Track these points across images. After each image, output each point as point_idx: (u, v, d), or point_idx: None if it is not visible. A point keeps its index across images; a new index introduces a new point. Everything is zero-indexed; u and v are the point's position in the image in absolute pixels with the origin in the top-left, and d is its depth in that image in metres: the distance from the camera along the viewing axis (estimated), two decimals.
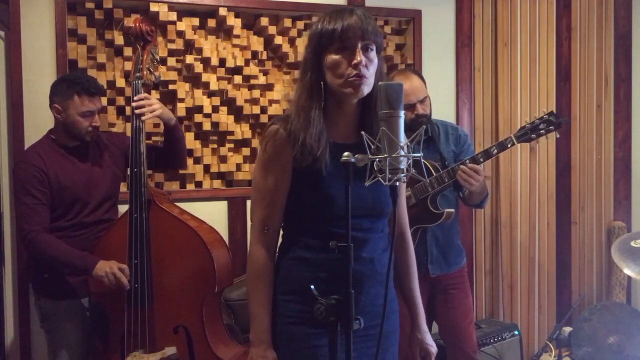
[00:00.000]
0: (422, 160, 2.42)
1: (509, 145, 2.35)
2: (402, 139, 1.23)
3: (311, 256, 1.54)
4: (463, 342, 2.59)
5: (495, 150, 2.36)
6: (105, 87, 2.90)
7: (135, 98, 2.40)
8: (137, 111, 2.37)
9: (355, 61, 1.45)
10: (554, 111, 2.38)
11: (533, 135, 2.35)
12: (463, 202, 2.62)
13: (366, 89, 1.50)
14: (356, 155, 1.26)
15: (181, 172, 3.08)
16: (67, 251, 2.28)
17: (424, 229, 2.50)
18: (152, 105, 2.40)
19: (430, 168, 2.44)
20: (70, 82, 2.37)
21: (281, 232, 1.64)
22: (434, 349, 1.70)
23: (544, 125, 2.33)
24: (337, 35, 1.46)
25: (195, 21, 3.07)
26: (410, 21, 3.47)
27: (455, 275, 2.59)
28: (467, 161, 2.35)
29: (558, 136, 2.39)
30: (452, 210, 2.48)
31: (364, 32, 1.47)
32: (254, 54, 3.19)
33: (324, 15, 1.52)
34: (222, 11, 3.06)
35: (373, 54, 1.50)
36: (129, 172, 2.39)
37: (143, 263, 2.29)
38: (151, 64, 2.48)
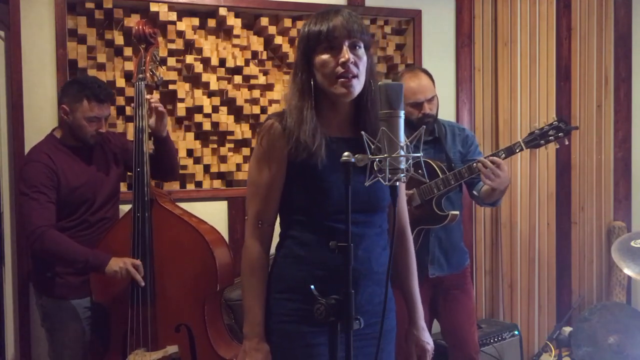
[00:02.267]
0: (429, 160, 2.45)
1: (517, 151, 2.33)
2: (402, 138, 1.23)
3: (306, 253, 1.54)
4: (465, 343, 2.59)
5: (503, 155, 2.34)
6: None
7: (149, 97, 2.44)
8: (155, 105, 2.45)
9: (342, 59, 1.47)
10: (562, 117, 2.38)
11: (542, 142, 2.33)
12: (477, 201, 2.58)
13: (357, 87, 1.51)
14: (356, 155, 1.26)
15: (181, 172, 3.07)
16: (78, 249, 2.29)
17: (427, 230, 2.50)
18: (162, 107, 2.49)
19: (437, 169, 2.43)
20: (82, 86, 2.38)
21: (278, 231, 1.64)
22: (430, 346, 1.71)
23: (553, 131, 2.32)
24: (323, 36, 1.48)
25: (195, 21, 3.07)
26: (410, 21, 3.47)
27: (458, 276, 2.59)
28: (502, 154, 2.32)
29: (567, 143, 2.38)
30: (457, 212, 2.47)
31: (349, 31, 1.48)
32: (254, 54, 3.19)
33: (310, 17, 1.54)
34: (222, 11, 3.06)
35: (361, 52, 1.51)
36: (132, 172, 2.40)
37: (146, 262, 2.30)
38: (153, 65, 2.51)
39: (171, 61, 3.03)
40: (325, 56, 1.49)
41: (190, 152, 3.09)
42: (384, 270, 1.58)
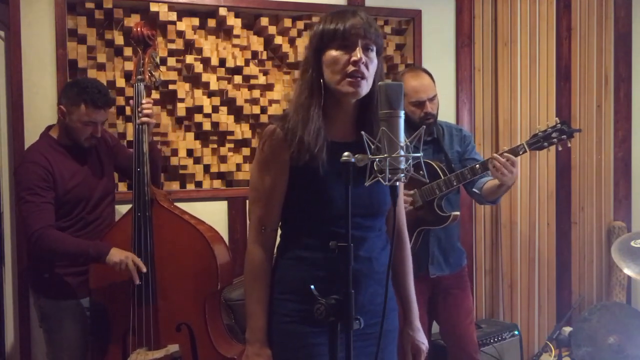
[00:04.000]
0: (429, 161, 2.45)
1: (520, 153, 2.32)
2: (402, 139, 1.23)
3: (309, 255, 1.54)
4: (464, 342, 2.59)
5: (505, 157, 2.34)
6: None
7: (144, 101, 2.43)
8: (146, 112, 2.40)
9: (355, 58, 1.46)
10: (565, 120, 2.38)
11: (545, 144, 2.33)
12: (477, 199, 2.58)
13: (365, 88, 1.50)
14: (356, 155, 1.26)
15: (181, 172, 3.08)
16: (78, 242, 2.29)
17: (427, 231, 2.50)
18: (152, 116, 2.46)
19: (438, 169, 2.44)
20: (81, 90, 2.37)
21: (279, 232, 1.64)
22: (424, 346, 1.71)
23: (557, 133, 2.32)
24: (339, 33, 1.47)
25: (195, 21, 3.07)
26: (410, 21, 3.47)
27: (456, 276, 2.60)
28: (505, 151, 2.30)
29: (569, 145, 2.38)
30: (458, 213, 2.48)
31: (366, 32, 1.48)
32: (254, 54, 3.19)
33: (326, 15, 1.54)
34: (222, 11, 3.06)
35: (373, 55, 1.51)
36: (132, 172, 2.40)
37: (147, 261, 2.30)
38: (152, 66, 2.51)
39: (171, 61, 3.03)
40: (336, 52, 1.48)
41: (190, 152, 3.09)
42: (385, 270, 1.58)
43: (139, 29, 2.49)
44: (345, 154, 1.27)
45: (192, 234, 2.32)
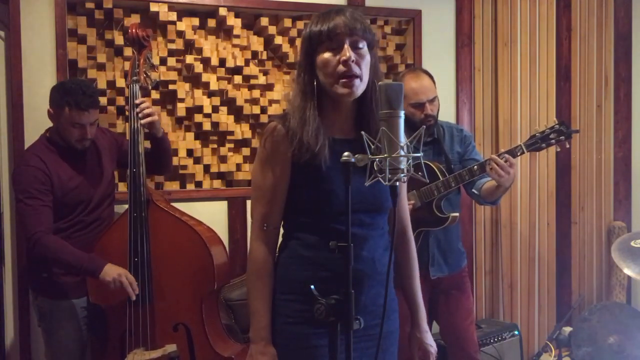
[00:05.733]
0: (428, 162, 2.45)
1: (518, 154, 2.32)
2: (402, 139, 1.22)
3: (311, 254, 1.54)
4: (464, 342, 2.59)
5: (504, 158, 2.34)
6: (105, 87, 2.91)
7: (138, 102, 2.42)
8: (146, 111, 2.40)
9: (344, 57, 1.45)
10: (563, 120, 2.37)
11: (543, 145, 2.33)
12: (476, 199, 2.58)
13: (360, 87, 1.50)
14: (356, 155, 1.26)
15: (181, 172, 3.08)
16: (74, 253, 2.28)
17: (426, 232, 2.50)
18: (154, 114, 2.45)
19: (436, 170, 2.43)
20: (65, 92, 2.35)
21: (282, 231, 1.64)
22: (433, 349, 1.70)
23: (555, 134, 2.31)
24: (324, 35, 1.48)
25: (195, 21, 3.07)
26: (410, 21, 3.47)
27: (456, 276, 2.60)
28: (503, 158, 2.29)
29: (568, 146, 2.37)
30: (457, 214, 2.47)
31: (351, 29, 1.47)
32: (254, 54, 3.19)
33: (313, 16, 1.54)
34: (222, 11, 3.06)
35: (364, 50, 1.50)
36: (128, 172, 2.41)
37: (143, 261, 2.30)
38: (147, 67, 2.51)
39: (171, 61, 3.03)
40: (326, 55, 1.48)
41: (190, 152, 3.09)
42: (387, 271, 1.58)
43: (133, 30, 2.50)
44: (346, 153, 1.27)
45: (188, 234, 2.32)
